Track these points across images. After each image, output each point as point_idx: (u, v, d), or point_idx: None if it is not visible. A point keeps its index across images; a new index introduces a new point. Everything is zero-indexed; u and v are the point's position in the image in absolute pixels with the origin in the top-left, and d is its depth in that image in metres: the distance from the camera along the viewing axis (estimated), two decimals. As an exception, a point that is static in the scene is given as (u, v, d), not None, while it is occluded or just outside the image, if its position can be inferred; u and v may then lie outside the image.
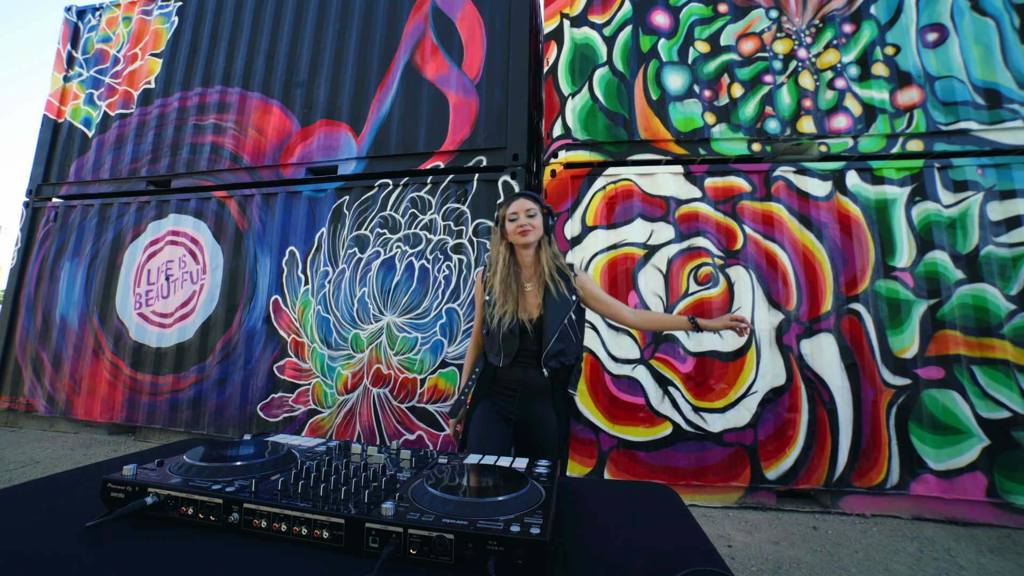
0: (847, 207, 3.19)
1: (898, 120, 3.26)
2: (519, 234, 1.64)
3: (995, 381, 2.86)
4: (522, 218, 1.64)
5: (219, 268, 4.19)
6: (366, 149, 4.05)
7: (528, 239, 1.65)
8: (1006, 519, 2.77)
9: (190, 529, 0.74)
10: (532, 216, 1.65)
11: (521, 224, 1.64)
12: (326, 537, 0.69)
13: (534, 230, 1.65)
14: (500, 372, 1.68)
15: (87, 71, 5.11)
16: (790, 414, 3.02)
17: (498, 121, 3.79)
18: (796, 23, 3.51)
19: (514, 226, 1.65)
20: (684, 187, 3.38)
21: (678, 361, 3.16)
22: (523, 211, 1.65)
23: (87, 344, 4.39)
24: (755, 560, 2.40)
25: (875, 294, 3.06)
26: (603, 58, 3.64)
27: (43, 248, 4.76)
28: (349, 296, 3.80)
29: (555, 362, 1.63)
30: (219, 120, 4.50)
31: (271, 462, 0.89)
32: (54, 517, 0.79)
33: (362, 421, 3.60)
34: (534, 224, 1.64)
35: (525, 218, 1.64)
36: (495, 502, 0.72)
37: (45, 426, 4.57)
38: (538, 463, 0.98)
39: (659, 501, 0.96)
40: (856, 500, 2.95)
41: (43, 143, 5.05)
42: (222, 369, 3.97)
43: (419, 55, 4.08)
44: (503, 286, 1.68)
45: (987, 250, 2.99)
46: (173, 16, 4.91)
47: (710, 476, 3.02)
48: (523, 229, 1.64)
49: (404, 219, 3.82)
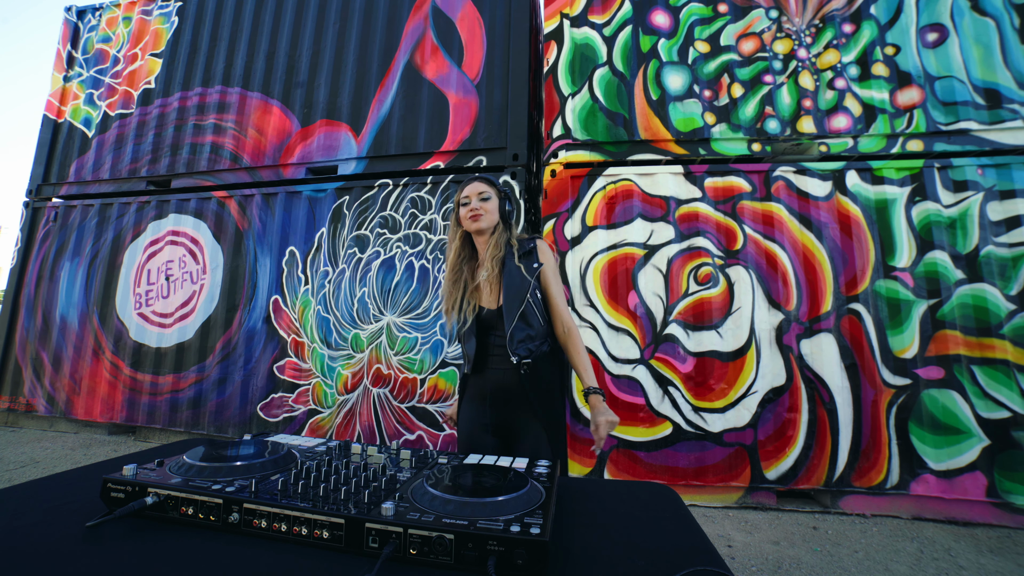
0: (847, 207, 3.19)
1: (898, 120, 3.26)
2: (470, 219, 1.52)
3: (995, 381, 2.86)
4: (474, 201, 1.52)
5: (219, 268, 4.19)
6: (366, 149, 4.05)
7: (480, 224, 1.51)
8: (1006, 519, 2.77)
9: (190, 529, 0.74)
10: (486, 200, 1.53)
11: (472, 208, 1.51)
12: (326, 537, 0.69)
13: (487, 214, 1.51)
14: (471, 380, 1.53)
15: (87, 71, 5.11)
16: (790, 414, 3.02)
17: (498, 121, 3.79)
18: (796, 23, 3.51)
19: (465, 211, 1.53)
20: (684, 187, 3.38)
21: (678, 361, 3.16)
22: (475, 194, 1.53)
23: (87, 344, 4.39)
24: (755, 560, 2.40)
25: (875, 294, 3.06)
26: (603, 58, 3.64)
27: (43, 248, 4.76)
28: (349, 296, 3.80)
29: (523, 349, 1.43)
30: (219, 120, 4.50)
31: (271, 462, 0.89)
32: (54, 517, 0.79)
33: (362, 421, 3.60)
34: (487, 208, 1.52)
35: (477, 201, 1.52)
36: (495, 502, 0.72)
37: (45, 426, 4.57)
38: (538, 463, 0.98)
39: (659, 501, 0.96)
40: (856, 500, 2.95)
41: (43, 143, 5.05)
42: (222, 369, 3.97)
43: (419, 55, 4.08)
44: (452, 276, 1.55)
45: (987, 250, 2.99)
46: (173, 16, 4.91)
47: (710, 476, 3.02)
48: (474, 213, 1.51)
49: (404, 219, 3.82)
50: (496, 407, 1.47)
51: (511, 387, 1.45)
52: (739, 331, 3.13)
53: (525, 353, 1.43)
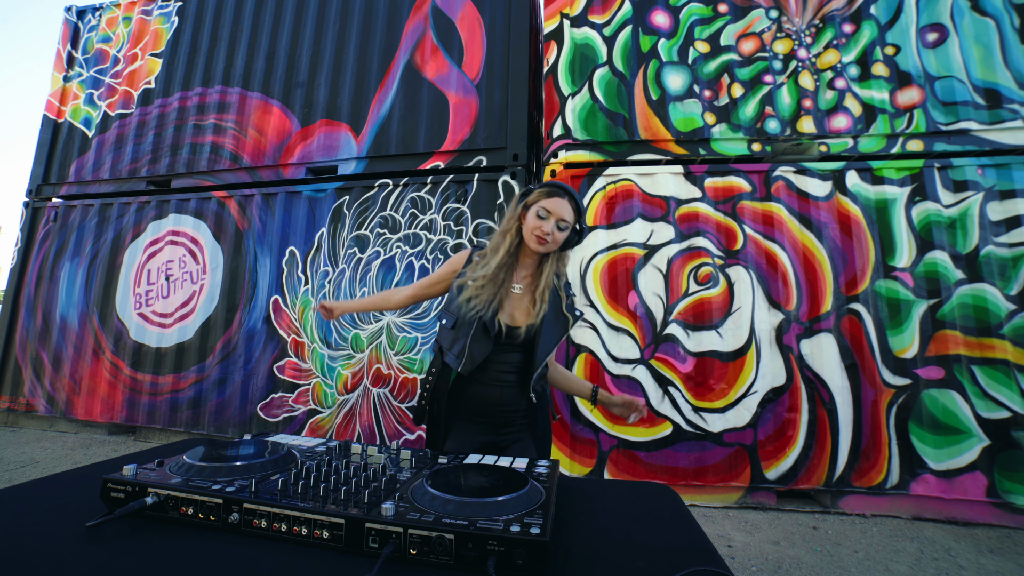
0: (847, 207, 3.19)
1: (898, 120, 3.26)
2: (536, 238, 1.34)
3: (995, 381, 2.86)
4: (551, 224, 1.33)
5: (219, 268, 4.19)
6: (366, 149, 4.05)
7: (541, 249, 1.36)
8: (1006, 519, 2.77)
9: (190, 529, 0.74)
10: (563, 229, 1.35)
11: (546, 231, 1.33)
12: (326, 537, 0.69)
13: (553, 244, 1.36)
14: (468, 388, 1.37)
15: (87, 71, 5.11)
16: (790, 414, 3.02)
17: (498, 121, 3.78)
18: (796, 23, 3.51)
19: (538, 224, 1.33)
20: (684, 187, 3.38)
21: (678, 361, 3.16)
22: (557, 217, 1.33)
23: (87, 344, 4.39)
24: (755, 560, 2.40)
25: (875, 294, 3.06)
26: (603, 58, 3.64)
27: (43, 248, 4.76)
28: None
29: (540, 386, 1.41)
30: (219, 120, 4.50)
31: (271, 462, 0.89)
32: (54, 517, 0.79)
33: (362, 421, 3.60)
34: (558, 239, 1.35)
35: (553, 226, 1.33)
36: (495, 502, 0.72)
37: (45, 426, 4.56)
38: (538, 463, 0.98)
39: (659, 501, 0.96)
40: (856, 500, 2.95)
41: (43, 143, 5.05)
42: (222, 369, 3.97)
43: (419, 55, 4.08)
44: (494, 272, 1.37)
45: (987, 250, 2.99)
46: (173, 16, 4.91)
47: (710, 476, 3.02)
48: (543, 236, 1.33)
49: (404, 219, 3.82)
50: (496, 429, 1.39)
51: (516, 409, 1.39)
52: (739, 331, 3.13)
53: (541, 390, 1.42)
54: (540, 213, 1.34)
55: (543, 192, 1.38)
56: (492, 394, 1.36)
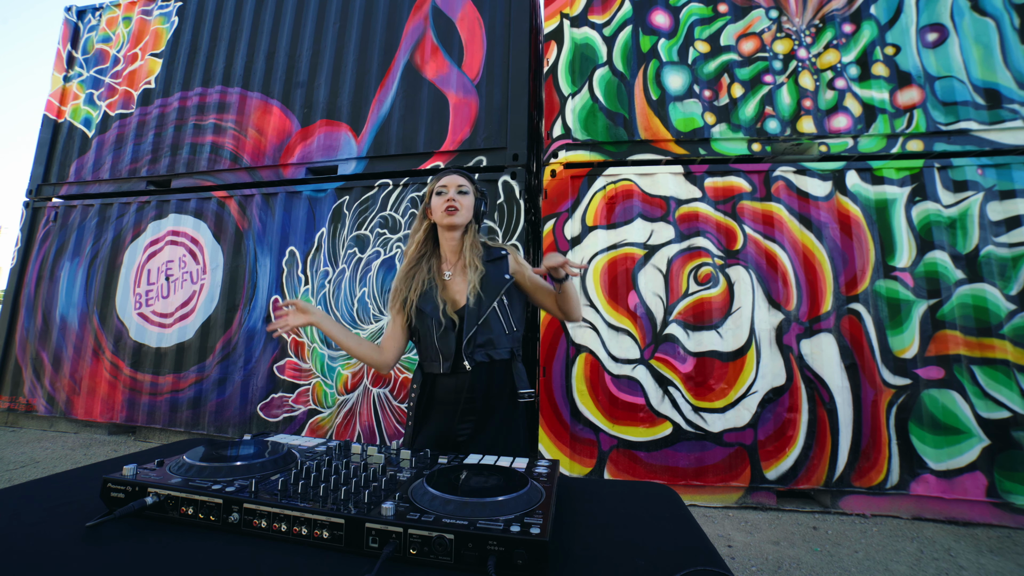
0: (847, 207, 3.19)
1: (898, 120, 3.26)
2: (445, 211, 1.38)
3: (995, 381, 2.86)
4: (451, 192, 1.39)
5: (219, 268, 4.19)
6: (366, 149, 4.05)
7: (455, 219, 1.38)
8: (1006, 519, 2.77)
9: (190, 529, 0.74)
10: (464, 193, 1.40)
11: (450, 199, 1.38)
12: (326, 537, 0.69)
13: (463, 209, 1.39)
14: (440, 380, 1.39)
15: (87, 71, 5.11)
16: (790, 414, 3.02)
17: (498, 121, 3.79)
18: (796, 23, 3.51)
19: (441, 200, 1.39)
20: (684, 187, 3.38)
21: (678, 361, 3.16)
22: (454, 185, 1.40)
23: (87, 344, 4.39)
24: (755, 560, 2.40)
25: (875, 294, 3.06)
26: (603, 58, 3.64)
27: (43, 248, 4.76)
28: (349, 296, 3.80)
29: (481, 354, 1.36)
30: (219, 120, 4.50)
31: (271, 462, 0.89)
32: (54, 517, 0.79)
33: (362, 421, 3.60)
34: (464, 203, 1.39)
35: (455, 193, 1.39)
36: (495, 502, 0.72)
37: (45, 426, 4.57)
38: (538, 463, 0.98)
39: (659, 501, 0.96)
40: (856, 500, 2.95)
41: (43, 143, 5.05)
42: (222, 369, 3.97)
43: (419, 55, 4.08)
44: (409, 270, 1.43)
45: (987, 250, 2.99)
46: (173, 16, 4.91)
47: (710, 476, 3.02)
48: (451, 205, 1.37)
49: (404, 219, 3.82)
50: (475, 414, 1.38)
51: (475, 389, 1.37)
52: (739, 331, 3.13)
53: (484, 359, 1.37)
54: (438, 191, 1.43)
55: (433, 179, 1.47)
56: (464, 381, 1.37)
